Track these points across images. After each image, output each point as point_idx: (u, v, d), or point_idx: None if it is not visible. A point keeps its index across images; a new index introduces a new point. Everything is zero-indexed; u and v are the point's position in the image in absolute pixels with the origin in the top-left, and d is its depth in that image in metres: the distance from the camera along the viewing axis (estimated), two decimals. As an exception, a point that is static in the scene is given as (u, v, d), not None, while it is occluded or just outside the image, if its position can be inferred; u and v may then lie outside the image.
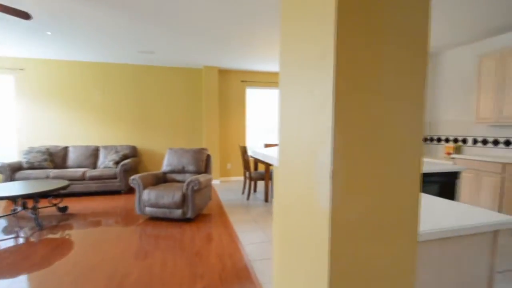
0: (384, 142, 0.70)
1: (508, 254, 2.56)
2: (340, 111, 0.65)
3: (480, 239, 1.04)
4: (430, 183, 2.58)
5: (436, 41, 4.17)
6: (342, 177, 0.66)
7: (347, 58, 0.65)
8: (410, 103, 0.73)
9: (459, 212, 1.11)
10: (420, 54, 0.72)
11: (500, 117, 3.54)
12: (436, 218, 1.04)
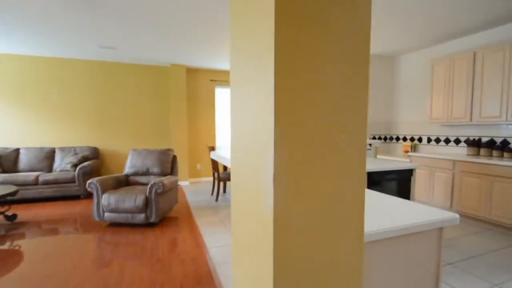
0: (327, 144, 0.69)
1: (457, 246, 2.77)
2: (281, 112, 0.62)
3: (426, 237, 1.09)
4: (389, 180, 2.72)
5: (393, 45, 4.41)
6: (285, 180, 0.63)
7: (287, 57, 0.62)
8: (353, 103, 0.73)
9: (407, 211, 1.16)
10: (362, 55, 0.72)
11: (450, 117, 3.85)
12: (385, 218, 1.07)
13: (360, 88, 0.73)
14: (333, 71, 0.68)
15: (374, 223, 0.99)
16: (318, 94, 0.67)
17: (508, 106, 3.18)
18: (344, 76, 0.70)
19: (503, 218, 3.03)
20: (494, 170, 3.09)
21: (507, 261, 2.42)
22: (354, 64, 0.71)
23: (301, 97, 0.64)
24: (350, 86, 0.71)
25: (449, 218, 1.09)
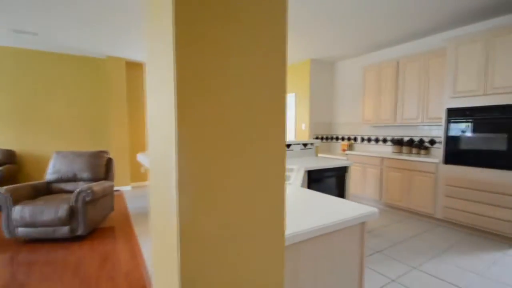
0: (240, 146, 0.65)
1: (385, 235, 3.09)
2: (186, 112, 0.56)
3: (350, 232, 1.14)
4: (329, 177, 2.88)
5: (332, 52, 4.74)
6: (191, 186, 0.57)
7: (191, 56, 0.56)
8: (269, 105, 0.70)
9: (334, 209, 1.20)
10: (278, 56, 0.70)
11: (379, 119, 4.29)
12: (313, 217, 1.09)
13: (276, 89, 0.71)
14: (246, 71, 0.64)
15: (301, 224, 1.00)
16: (229, 94, 0.62)
17: (423, 109, 3.68)
18: (259, 77, 0.67)
19: (420, 207, 3.49)
20: (413, 165, 3.55)
21: (423, 245, 2.78)
22: (270, 65, 0.69)
23: (208, 97, 0.59)
24: (265, 87, 0.68)
25: (369, 214, 1.16)
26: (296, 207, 1.22)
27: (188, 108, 0.56)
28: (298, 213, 1.14)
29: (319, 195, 1.44)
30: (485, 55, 2.86)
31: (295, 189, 1.62)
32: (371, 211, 1.18)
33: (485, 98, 2.88)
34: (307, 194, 1.47)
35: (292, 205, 1.26)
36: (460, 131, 3.08)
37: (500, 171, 2.78)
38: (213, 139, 0.60)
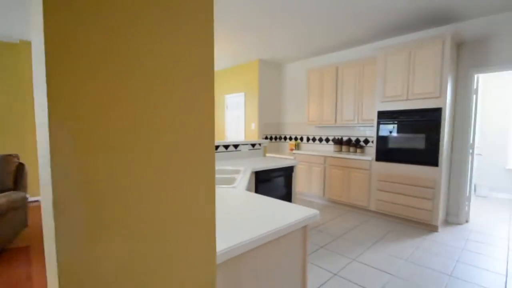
0: (147, 150, 0.55)
1: (327, 230, 3.27)
2: (59, 110, 0.43)
3: (292, 237, 1.14)
4: (277, 177, 2.91)
5: (280, 53, 4.87)
6: (75, 207, 0.42)
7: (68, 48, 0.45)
8: (191, 103, 0.63)
9: (275, 215, 1.18)
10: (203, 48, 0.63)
11: (322, 120, 4.56)
12: (254, 225, 1.05)
13: (200, 85, 0.63)
14: (158, 63, 0.56)
15: (243, 233, 0.95)
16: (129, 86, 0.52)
17: (359, 112, 4.02)
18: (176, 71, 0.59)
19: (358, 200, 3.81)
20: (351, 163, 3.85)
21: (361, 236, 3.03)
22: (195, 59, 0.62)
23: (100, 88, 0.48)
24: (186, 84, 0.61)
25: (311, 216, 1.17)
26: (238, 214, 1.17)
27: (65, 99, 0.43)
28: (240, 220, 1.09)
29: (263, 199, 1.42)
30: (408, 65, 3.26)
31: (240, 192, 1.57)
32: (313, 213, 1.20)
33: (408, 102, 3.28)
34: (251, 198, 1.43)
35: (235, 212, 1.20)
36: (388, 132, 3.45)
37: (420, 166, 3.19)
38: (109, 144, 0.48)
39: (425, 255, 2.56)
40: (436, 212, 3.10)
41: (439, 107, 3.02)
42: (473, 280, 2.15)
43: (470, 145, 3.35)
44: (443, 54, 2.98)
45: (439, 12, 3.09)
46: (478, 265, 2.38)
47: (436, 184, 3.08)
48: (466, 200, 3.40)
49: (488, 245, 2.79)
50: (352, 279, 2.18)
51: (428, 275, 2.23)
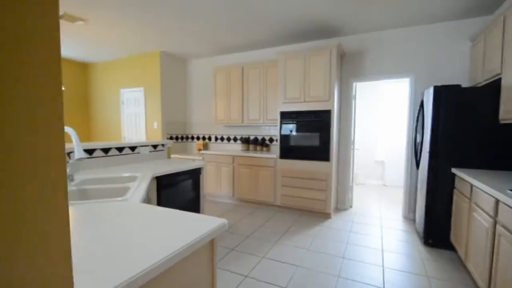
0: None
1: (238, 230, 3.22)
2: None
3: (196, 257, 0.95)
4: (183, 180, 2.62)
5: (185, 48, 4.54)
6: None
7: None
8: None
9: (174, 232, 0.96)
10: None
11: (229, 119, 4.52)
12: (145, 252, 0.80)
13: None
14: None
15: (119, 271, 0.69)
16: None
17: (264, 112, 4.18)
18: None
19: (265, 197, 3.95)
20: (258, 161, 3.95)
21: (268, 232, 3.12)
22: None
23: None
24: None
25: (218, 228, 1.01)
26: (121, 238, 0.89)
27: None
28: (123, 246, 0.81)
29: (161, 212, 1.16)
30: (304, 70, 3.57)
31: (131, 206, 1.25)
32: (220, 224, 1.04)
33: (305, 104, 3.60)
34: (144, 213, 1.15)
35: (117, 235, 0.91)
36: (289, 131, 3.71)
37: (315, 162, 3.56)
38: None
39: (323, 242, 2.85)
40: (329, 202, 3.53)
41: (329, 109, 3.45)
42: (359, 258, 2.51)
43: (352, 142, 3.99)
44: (330, 63, 3.41)
45: (325, 26, 3.52)
46: (362, 244, 2.81)
47: (328, 177, 3.51)
48: (350, 188, 4.03)
49: (367, 225, 3.37)
50: (262, 277, 2.16)
51: (326, 260, 2.46)
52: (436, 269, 2.31)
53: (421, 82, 3.47)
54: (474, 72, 3.02)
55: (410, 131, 3.57)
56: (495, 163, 2.47)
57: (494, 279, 1.67)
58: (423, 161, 2.90)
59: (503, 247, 1.57)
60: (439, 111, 2.62)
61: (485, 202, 1.85)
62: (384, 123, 5.85)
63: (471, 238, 2.09)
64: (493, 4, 2.89)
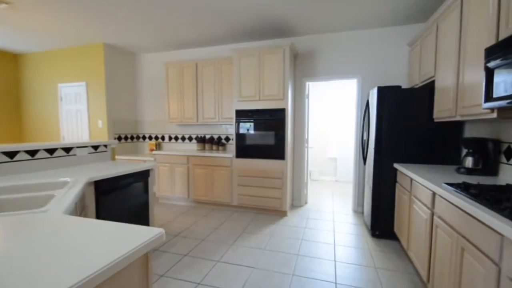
0: None
1: (192, 233, 3.05)
2: None
3: (123, 278, 0.80)
4: (127, 185, 2.37)
5: (132, 40, 4.17)
6: None
7: None
8: None
9: (98, 250, 0.81)
10: None
11: (183, 118, 4.29)
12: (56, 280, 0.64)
13: None
14: None
15: None
16: None
17: (219, 110, 4.04)
18: None
19: (222, 198, 3.83)
20: (214, 161, 3.81)
21: (224, 234, 3.01)
22: None
23: None
24: None
25: (152, 239, 0.88)
26: (21, 263, 0.70)
27: None
28: (27, 272, 0.64)
29: (85, 225, 0.98)
30: (258, 68, 3.54)
31: (48, 220, 1.04)
32: (156, 234, 0.91)
33: (260, 102, 3.57)
34: (64, 228, 0.96)
35: (12, 264, 0.72)
36: (245, 129, 3.65)
37: (271, 160, 3.56)
38: None
39: (279, 240, 2.84)
40: (285, 199, 3.55)
41: (283, 108, 3.47)
42: (313, 254, 2.55)
43: (306, 140, 4.09)
44: (284, 61, 3.43)
45: (279, 25, 3.53)
46: (316, 240, 2.88)
47: (284, 175, 3.53)
48: (305, 185, 4.13)
49: (321, 220, 3.47)
50: (216, 283, 2.06)
51: (282, 259, 2.45)
52: (383, 260, 2.45)
53: (367, 83, 3.70)
54: (412, 74, 3.30)
55: (358, 129, 3.78)
56: (432, 158, 2.72)
57: (432, 266, 1.81)
58: (369, 158, 3.08)
59: (440, 237, 1.70)
60: (383, 110, 2.80)
61: (423, 195, 2.00)
62: (336, 121, 6.15)
63: (412, 229, 2.26)
64: (430, 12, 3.18)
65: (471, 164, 2.18)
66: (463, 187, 1.64)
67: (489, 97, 1.59)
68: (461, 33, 2.09)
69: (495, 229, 1.09)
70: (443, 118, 2.42)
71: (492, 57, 1.54)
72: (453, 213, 1.53)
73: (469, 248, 1.32)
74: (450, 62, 2.26)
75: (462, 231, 1.41)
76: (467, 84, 1.97)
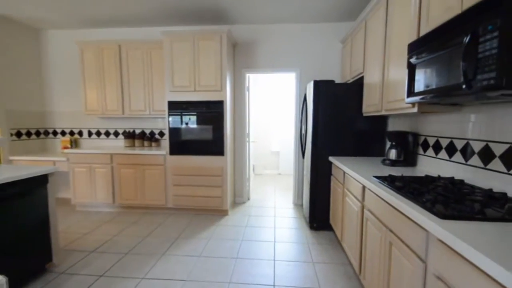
0: None
1: (117, 245, 2.61)
2: None
3: None
4: (17, 196, 1.82)
5: (29, 13, 3.33)
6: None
7: None
8: None
9: None
10: None
11: (105, 109, 3.67)
12: None
13: None
14: None
15: None
16: None
17: (150, 101, 3.57)
18: None
19: (154, 200, 3.42)
20: (144, 159, 3.36)
21: (156, 242, 2.65)
22: None
23: None
24: None
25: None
26: None
27: None
28: None
29: None
30: (193, 55, 3.20)
31: None
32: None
33: (196, 94, 3.25)
34: None
35: None
36: (180, 123, 3.30)
37: (209, 156, 3.30)
38: None
39: (217, 244, 2.63)
40: (225, 198, 3.35)
41: (221, 100, 3.23)
42: (253, 255, 2.42)
43: (247, 134, 3.94)
44: (221, 49, 3.17)
45: (215, 10, 3.24)
46: (256, 238, 2.76)
47: (223, 171, 3.32)
48: (247, 181, 4.00)
49: (262, 217, 3.39)
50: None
51: (219, 265, 2.25)
52: (320, 253, 2.47)
53: (305, 77, 3.71)
54: (344, 71, 3.42)
55: (297, 123, 3.79)
56: (362, 150, 2.85)
57: (364, 259, 1.84)
58: (307, 151, 3.09)
59: (370, 230, 1.72)
60: (319, 103, 2.81)
61: (355, 187, 2.03)
62: (278, 115, 6.20)
63: (345, 221, 2.30)
64: (360, 11, 3.30)
65: (395, 156, 2.31)
66: (389, 180, 1.67)
67: (411, 92, 1.64)
68: (386, 30, 2.16)
69: (421, 225, 1.08)
70: (371, 112, 2.52)
71: (414, 53, 1.58)
72: (381, 207, 1.54)
73: (397, 243, 1.32)
74: (376, 58, 2.34)
75: (390, 225, 1.42)
76: (392, 80, 2.04)
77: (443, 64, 1.32)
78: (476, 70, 1.11)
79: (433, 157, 2.03)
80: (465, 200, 1.20)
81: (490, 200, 1.23)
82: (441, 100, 1.52)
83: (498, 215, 1.05)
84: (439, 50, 1.33)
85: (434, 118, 2.04)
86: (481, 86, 1.08)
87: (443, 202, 1.18)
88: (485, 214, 1.05)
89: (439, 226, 0.95)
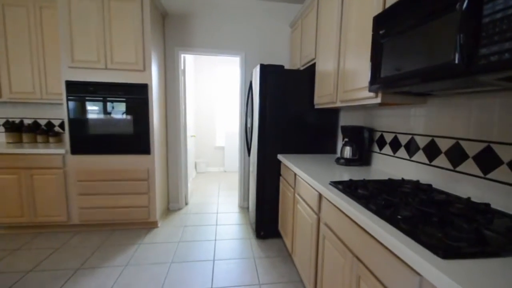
0: None
1: None
2: None
3: None
4: None
5: None
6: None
7: None
8: None
9: None
10: None
11: (-29, 90, 2.58)
12: None
13: None
14: None
15: None
16: None
17: (42, 81, 2.63)
18: None
19: (51, 216, 2.54)
20: (32, 161, 2.45)
21: (45, 277, 1.87)
22: None
23: None
24: None
25: None
26: None
27: None
28: None
29: None
30: (103, 20, 2.39)
31: None
32: None
33: (108, 73, 2.47)
34: None
35: None
36: (85, 112, 2.47)
37: (130, 156, 2.58)
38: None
39: (135, 274, 1.99)
40: (153, 206, 2.69)
41: (145, 83, 2.52)
42: (184, 286, 1.86)
43: (184, 126, 3.30)
44: (143, 15, 2.44)
45: (139, -35, 2.49)
46: (191, 258, 2.20)
47: (150, 174, 2.64)
48: (184, 183, 3.37)
49: (201, 227, 2.83)
50: None
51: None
52: (268, 271, 2.05)
53: (252, 62, 3.24)
54: (294, 58, 3.05)
55: (242, 115, 3.32)
56: (314, 147, 2.52)
57: (320, 280, 1.47)
58: (253, 147, 2.64)
59: (329, 251, 1.35)
60: (266, 92, 2.37)
61: (309, 195, 1.65)
62: (223, 105, 5.64)
63: (296, 231, 1.93)
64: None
65: (350, 154, 2.03)
66: (351, 187, 1.32)
67: (377, 77, 1.30)
68: (343, 6, 1.81)
69: (411, 266, 0.71)
70: (324, 104, 2.19)
71: (382, 27, 1.23)
72: (345, 224, 1.17)
73: (370, 280, 0.95)
74: (331, 41, 1.99)
75: (358, 253, 1.05)
76: (350, 66, 1.70)
77: (424, 39, 0.97)
78: (477, 41, 0.77)
79: (390, 155, 1.78)
80: (451, 218, 0.88)
81: (476, 214, 0.96)
82: (413, 88, 1.22)
83: (502, 241, 0.75)
84: (418, 20, 0.99)
85: (390, 112, 1.78)
86: (486, 64, 0.75)
87: (429, 224, 0.85)
88: (488, 242, 0.74)
89: (442, 273, 0.60)
